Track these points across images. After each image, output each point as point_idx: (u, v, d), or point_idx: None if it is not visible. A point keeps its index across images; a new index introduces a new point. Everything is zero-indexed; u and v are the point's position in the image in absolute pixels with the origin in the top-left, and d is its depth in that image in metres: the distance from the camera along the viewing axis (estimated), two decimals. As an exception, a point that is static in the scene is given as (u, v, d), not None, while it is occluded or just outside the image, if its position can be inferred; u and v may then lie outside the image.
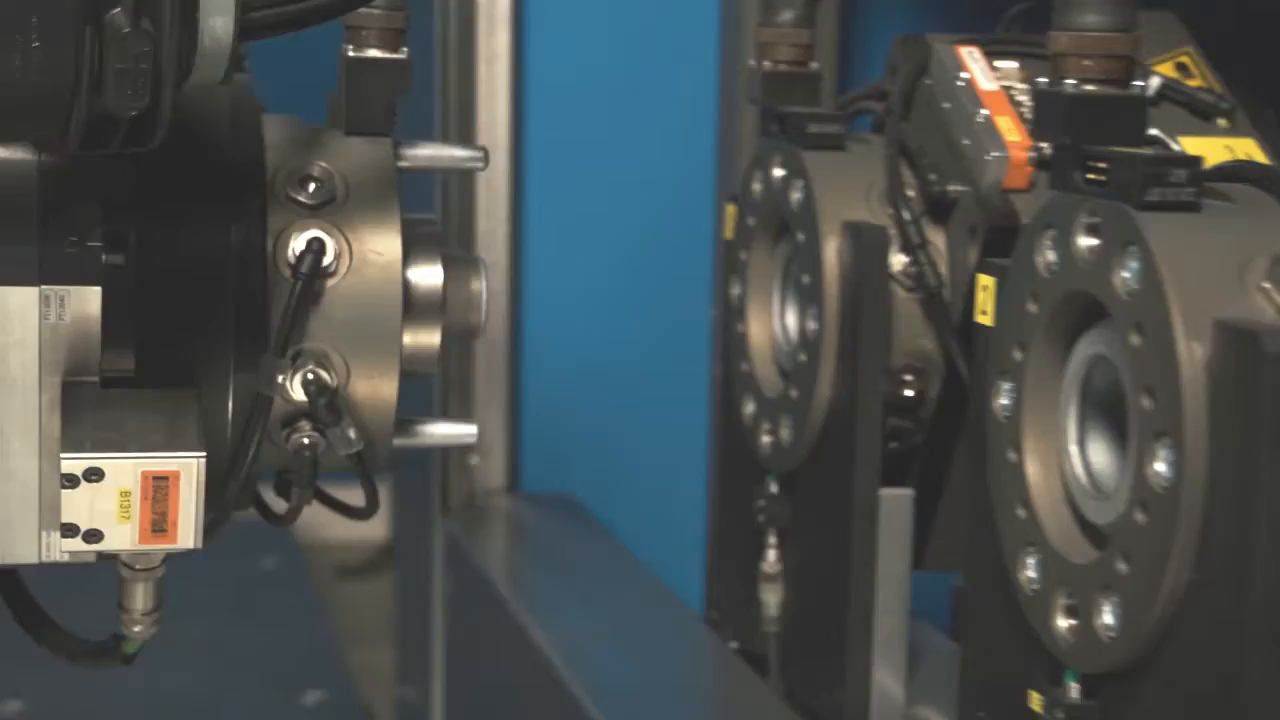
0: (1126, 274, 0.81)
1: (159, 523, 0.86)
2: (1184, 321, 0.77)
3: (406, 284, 0.91)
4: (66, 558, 0.90)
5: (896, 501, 1.11)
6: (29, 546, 0.90)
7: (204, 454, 0.85)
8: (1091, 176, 0.85)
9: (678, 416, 1.66)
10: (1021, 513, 0.89)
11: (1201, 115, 1.08)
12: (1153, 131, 1.04)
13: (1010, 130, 1.05)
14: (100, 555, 0.89)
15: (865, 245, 1.10)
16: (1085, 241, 0.84)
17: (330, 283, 0.91)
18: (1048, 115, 0.90)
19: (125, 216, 0.88)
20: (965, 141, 1.07)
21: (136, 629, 0.94)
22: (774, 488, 1.21)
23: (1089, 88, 0.88)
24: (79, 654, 0.97)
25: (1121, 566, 0.81)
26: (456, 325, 0.96)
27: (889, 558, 1.11)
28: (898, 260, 1.11)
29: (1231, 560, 0.75)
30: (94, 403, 0.87)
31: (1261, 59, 1.14)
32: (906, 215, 1.10)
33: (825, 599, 1.14)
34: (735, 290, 1.25)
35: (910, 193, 1.11)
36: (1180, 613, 0.78)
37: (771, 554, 1.21)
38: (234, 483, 0.90)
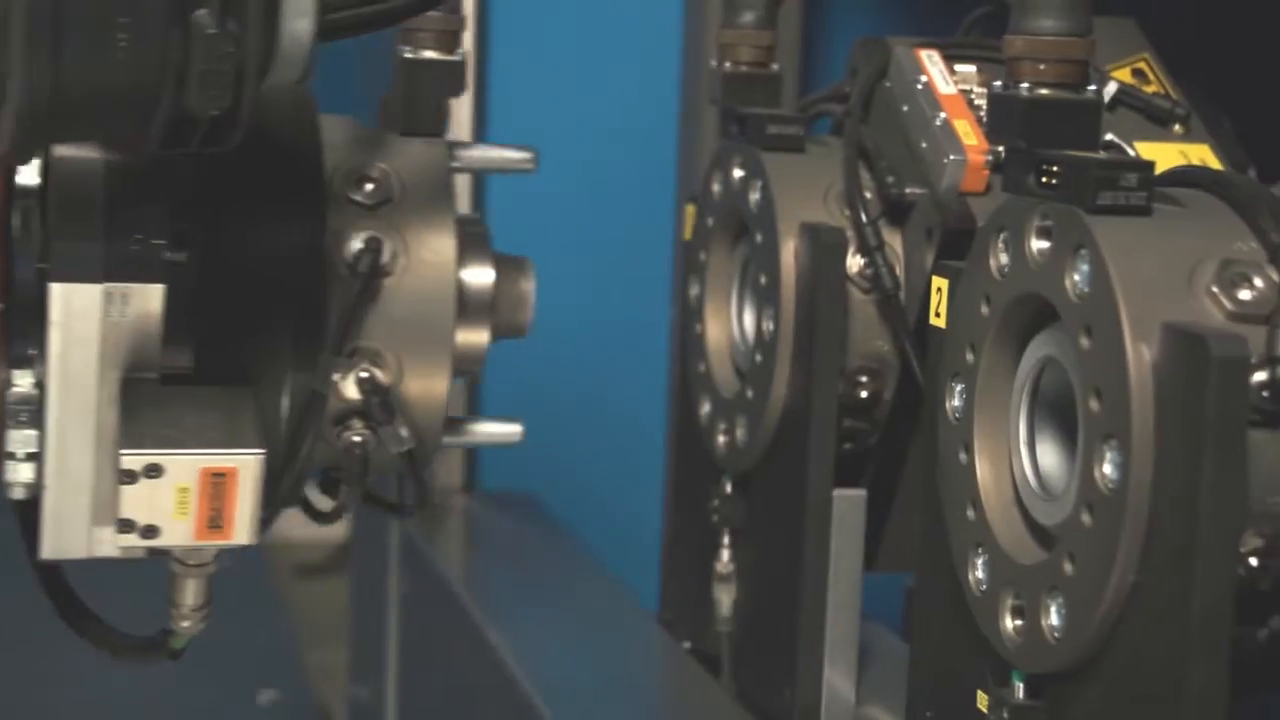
0: (1077, 276, 0.81)
1: (215, 519, 0.86)
2: (1133, 324, 0.78)
3: (459, 284, 0.92)
4: (116, 553, 0.90)
5: (850, 502, 1.11)
6: (78, 541, 0.90)
7: (263, 451, 0.86)
8: (1044, 180, 0.85)
9: (636, 416, 1.66)
10: (971, 514, 0.89)
11: (1158, 121, 1.09)
12: (1109, 136, 1.05)
13: (968, 134, 1.05)
14: (151, 551, 0.90)
15: (822, 247, 1.10)
16: (1037, 244, 0.85)
17: (386, 282, 0.93)
18: (1002, 118, 0.90)
19: (186, 215, 0.89)
20: (923, 144, 1.07)
21: (185, 624, 0.95)
22: (729, 488, 1.21)
23: (1043, 91, 0.88)
24: (123, 649, 0.97)
25: (1068, 567, 0.81)
26: (504, 325, 0.97)
27: (842, 558, 1.11)
28: (854, 262, 1.11)
29: (1175, 563, 0.76)
30: (153, 399, 0.88)
31: (1218, 66, 1.15)
32: (864, 217, 1.10)
33: (778, 599, 1.14)
34: (694, 291, 1.26)
35: (868, 195, 1.11)
36: (1124, 614, 0.78)
37: (725, 554, 1.21)
38: (286, 479, 0.91)
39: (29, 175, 0.88)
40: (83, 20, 0.71)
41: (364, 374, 0.92)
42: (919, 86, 1.09)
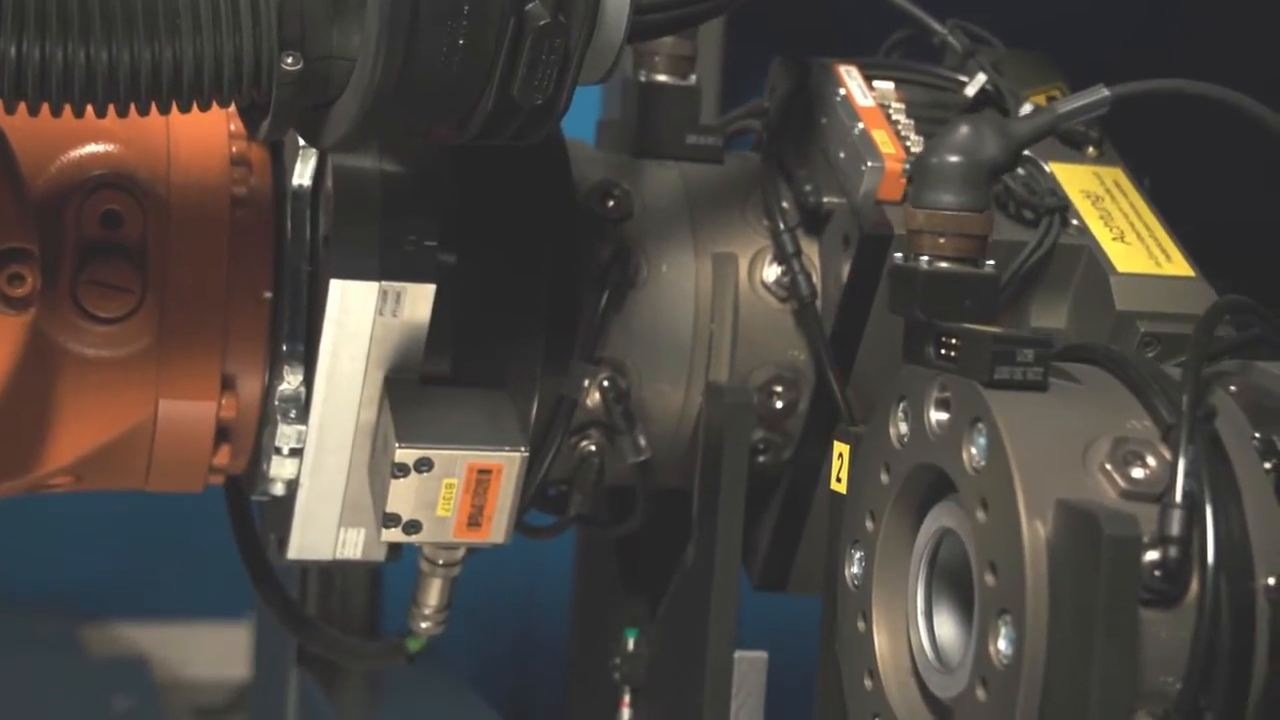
0: (974, 449, 0.82)
1: (475, 516, 0.89)
2: (1028, 500, 0.79)
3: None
4: (359, 555, 0.92)
5: (751, 664, 1.11)
6: (325, 542, 0.92)
7: (526, 450, 0.89)
8: (943, 352, 0.86)
9: (542, 575, 1.65)
10: (868, 683, 0.89)
11: (1072, 144, 1.10)
12: (1025, 153, 1.05)
13: (885, 143, 1.05)
14: (393, 549, 0.93)
15: (727, 407, 1.09)
16: (936, 415, 0.86)
17: (630, 293, 0.98)
18: (903, 290, 0.91)
19: (447, 221, 0.91)
20: (841, 154, 1.06)
21: (425, 625, 0.97)
22: (631, 645, 1.20)
23: (943, 265, 0.90)
24: (361, 655, 0.98)
25: (963, 742, 0.81)
26: None
27: (742, 720, 1.10)
28: (771, 270, 1.09)
29: (1068, 740, 0.76)
30: (417, 398, 0.90)
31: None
32: (781, 225, 1.09)
33: (677, 761, 1.13)
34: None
35: (785, 205, 1.09)
36: (1019, 791, 0.78)
37: (625, 713, 1.20)
38: (531, 483, 0.94)
39: (300, 178, 0.91)
40: (434, 6, 0.73)
41: (607, 382, 0.95)
42: (837, 99, 1.08)
